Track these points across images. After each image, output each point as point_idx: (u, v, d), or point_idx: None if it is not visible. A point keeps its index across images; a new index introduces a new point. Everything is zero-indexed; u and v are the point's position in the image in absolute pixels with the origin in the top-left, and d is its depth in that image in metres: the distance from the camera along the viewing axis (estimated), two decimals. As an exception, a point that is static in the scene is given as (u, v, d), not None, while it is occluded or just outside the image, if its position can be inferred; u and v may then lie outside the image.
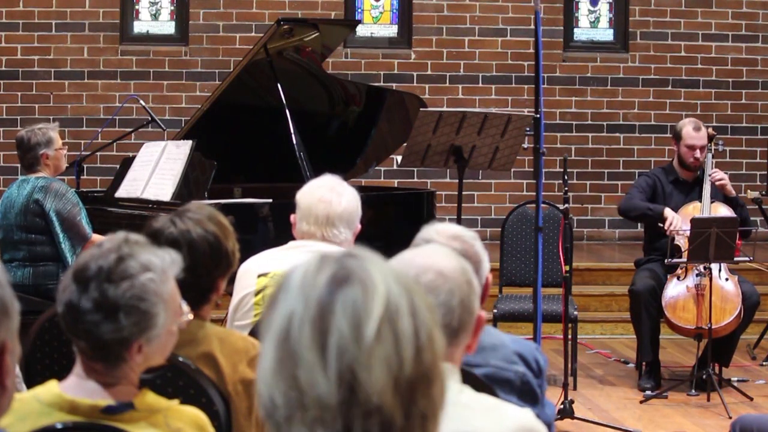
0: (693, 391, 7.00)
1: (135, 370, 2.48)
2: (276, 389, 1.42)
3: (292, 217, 4.19)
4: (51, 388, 2.46)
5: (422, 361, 1.42)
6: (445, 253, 2.41)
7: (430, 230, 2.94)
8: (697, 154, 7.32)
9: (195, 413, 2.55)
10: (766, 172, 10.79)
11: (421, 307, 1.45)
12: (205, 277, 3.23)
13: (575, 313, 7.11)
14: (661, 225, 7.15)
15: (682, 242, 7.09)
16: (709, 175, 7.30)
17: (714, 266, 7.02)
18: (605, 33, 11.17)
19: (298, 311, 1.42)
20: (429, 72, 10.78)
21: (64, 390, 2.46)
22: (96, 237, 6.24)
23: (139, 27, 10.75)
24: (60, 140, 6.41)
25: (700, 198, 7.31)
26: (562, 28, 10.96)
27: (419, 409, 1.42)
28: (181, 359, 3.11)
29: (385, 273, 1.46)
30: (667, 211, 7.20)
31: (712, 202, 7.28)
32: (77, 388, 2.46)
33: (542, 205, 5.75)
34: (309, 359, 1.40)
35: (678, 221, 7.12)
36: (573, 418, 6.30)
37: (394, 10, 10.98)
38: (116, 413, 2.43)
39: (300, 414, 1.40)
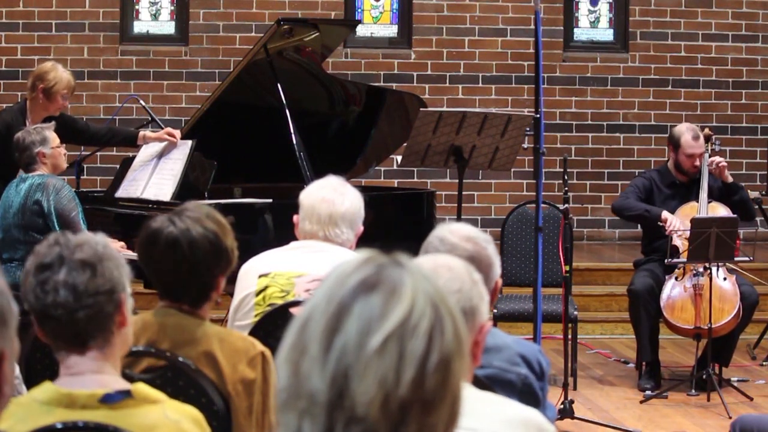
0: (693, 391, 6.99)
1: (114, 352, 2.50)
2: (283, 371, 1.45)
3: (294, 217, 4.19)
4: (46, 387, 2.48)
5: (424, 386, 1.40)
6: (458, 263, 2.42)
7: (444, 229, 2.93)
8: (697, 162, 7.35)
9: (191, 409, 2.55)
10: (766, 172, 10.79)
11: (447, 332, 1.43)
12: (206, 275, 3.24)
13: (575, 313, 7.11)
14: (661, 224, 7.15)
15: (679, 243, 7.09)
16: (708, 164, 7.32)
17: (713, 266, 7.02)
18: (605, 33, 11.16)
19: (321, 305, 1.44)
20: (429, 72, 10.78)
21: (60, 385, 2.46)
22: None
23: (139, 27, 10.75)
24: (57, 139, 6.38)
25: (697, 198, 7.31)
26: (562, 28, 10.96)
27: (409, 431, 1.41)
28: (181, 359, 3.11)
29: (419, 289, 1.43)
30: (665, 213, 7.20)
31: (709, 203, 7.28)
32: (71, 384, 2.47)
33: (542, 205, 5.75)
34: (313, 352, 1.42)
35: (677, 222, 7.12)
36: (573, 418, 6.30)
37: (394, 10, 10.98)
38: (115, 401, 2.43)
39: (293, 401, 1.43)
